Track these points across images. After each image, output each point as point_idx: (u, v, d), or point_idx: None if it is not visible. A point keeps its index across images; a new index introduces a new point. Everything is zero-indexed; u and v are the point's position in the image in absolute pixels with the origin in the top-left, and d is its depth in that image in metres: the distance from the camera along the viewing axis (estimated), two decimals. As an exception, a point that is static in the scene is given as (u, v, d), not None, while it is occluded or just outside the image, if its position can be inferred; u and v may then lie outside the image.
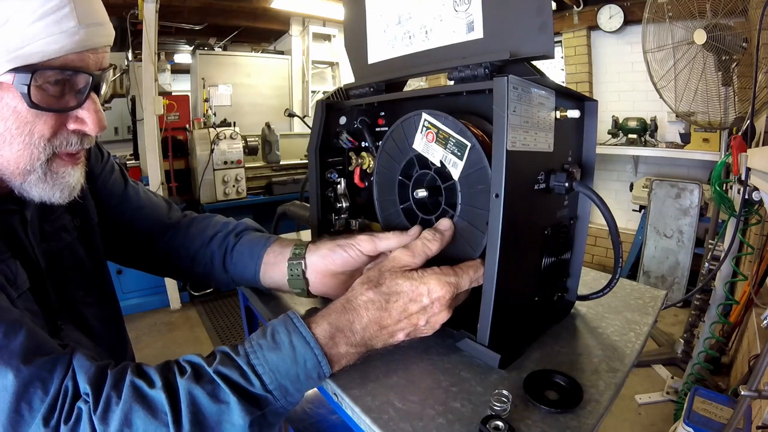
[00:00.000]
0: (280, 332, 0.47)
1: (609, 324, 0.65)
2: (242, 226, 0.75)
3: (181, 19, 4.05)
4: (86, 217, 0.68)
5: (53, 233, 0.62)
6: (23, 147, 0.47)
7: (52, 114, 0.47)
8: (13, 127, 0.46)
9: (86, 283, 0.66)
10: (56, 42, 0.44)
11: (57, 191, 0.52)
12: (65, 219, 0.65)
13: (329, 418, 1.14)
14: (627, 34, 3.31)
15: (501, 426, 0.42)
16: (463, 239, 0.55)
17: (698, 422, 1.31)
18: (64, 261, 0.63)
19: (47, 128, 0.48)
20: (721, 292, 1.70)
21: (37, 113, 0.46)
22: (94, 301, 0.67)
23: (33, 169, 0.49)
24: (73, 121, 0.50)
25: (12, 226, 0.55)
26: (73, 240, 0.65)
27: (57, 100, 0.47)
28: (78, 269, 0.65)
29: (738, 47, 1.63)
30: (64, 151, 0.51)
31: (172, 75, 5.01)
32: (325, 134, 0.75)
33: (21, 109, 0.45)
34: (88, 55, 0.48)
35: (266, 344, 0.46)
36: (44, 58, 0.44)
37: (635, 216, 3.20)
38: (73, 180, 0.54)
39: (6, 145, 0.47)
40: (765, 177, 1.21)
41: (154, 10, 2.60)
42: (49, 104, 0.46)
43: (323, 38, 4.50)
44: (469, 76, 0.55)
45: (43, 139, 0.48)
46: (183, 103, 3.45)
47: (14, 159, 0.48)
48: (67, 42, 0.45)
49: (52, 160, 0.50)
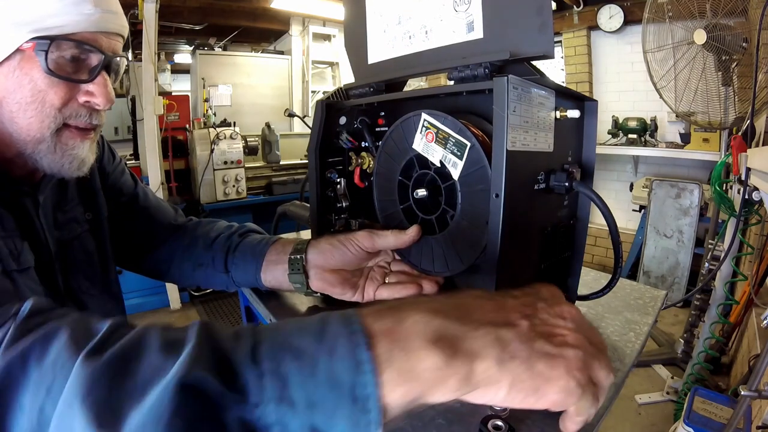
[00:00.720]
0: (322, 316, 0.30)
1: (609, 324, 0.65)
2: (245, 228, 0.77)
3: (181, 19, 4.05)
4: (98, 212, 0.72)
5: (65, 223, 0.65)
6: (35, 114, 0.51)
7: (64, 85, 0.52)
8: (28, 95, 0.51)
9: (92, 275, 0.69)
10: (73, 19, 0.50)
11: (66, 162, 0.55)
12: (78, 211, 0.68)
13: (329, 418, 1.14)
14: (627, 34, 3.31)
15: (501, 426, 0.42)
16: (463, 239, 0.55)
17: (698, 422, 1.31)
18: (73, 251, 0.65)
19: (58, 98, 0.52)
20: (721, 292, 1.70)
21: (50, 83, 0.51)
22: (98, 292, 0.69)
23: (43, 138, 0.53)
24: (83, 94, 0.54)
25: (24, 207, 0.58)
26: (84, 232, 0.68)
27: (70, 74, 0.52)
28: (86, 260, 0.68)
29: (738, 47, 1.63)
30: (73, 123, 0.55)
31: (172, 75, 5.02)
32: (325, 134, 0.75)
33: (37, 77, 0.50)
34: (101, 36, 0.53)
35: (295, 322, 0.30)
36: (62, 31, 0.49)
37: (635, 216, 3.20)
38: (82, 153, 0.57)
39: (20, 112, 0.51)
40: (765, 177, 1.21)
41: (154, 10, 2.60)
42: (63, 74, 0.51)
43: (323, 38, 4.49)
44: (469, 76, 0.55)
45: (53, 108, 0.52)
46: (183, 103, 3.45)
47: (26, 126, 0.52)
48: (83, 20, 0.50)
49: (62, 131, 0.54)
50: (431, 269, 0.60)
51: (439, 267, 0.59)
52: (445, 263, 0.58)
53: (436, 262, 0.59)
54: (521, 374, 0.27)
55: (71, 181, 0.67)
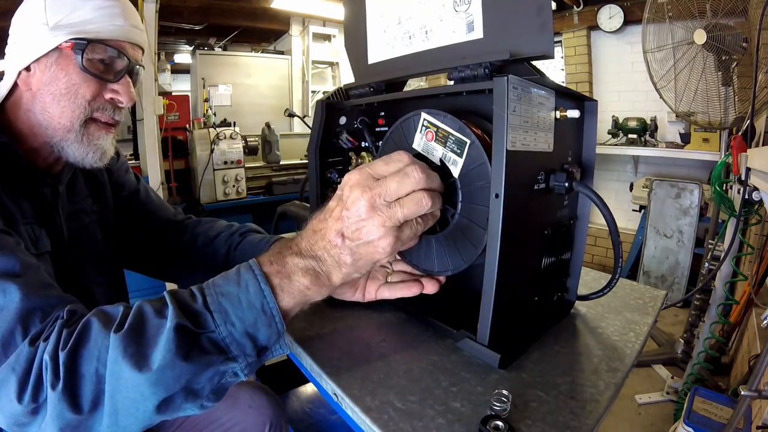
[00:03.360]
0: (236, 269, 0.46)
1: (609, 324, 0.65)
2: (246, 228, 0.79)
3: (181, 19, 4.05)
4: (105, 204, 0.77)
5: (75, 213, 0.70)
6: (68, 104, 0.60)
7: (94, 82, 0.60)
8: (63, 88, 0.59)
9: (99, 264, 0.73)
10: (107, 28, 0.60)
11: (90, 152, 0.63)
12: (87, 202, 0.73)
13: (329, 418, 1.14)
14: (627, 34, 3.31)
15: (501, 426, 0.42)
16: (464, 236, 0.55)
17: (698, 422, 1.31)
18: (81, 239, 0.70)
19: (89, 92, 0.60)
20: (721, 292, 1.70)
21: (83, 78, 0.59)
22: (104, 281, 0.73)
23: (72, 127, 0.61)
24: (109, 92, 0.62)
25: (44, 196, 0.64)
26: (92, 222, 0.73)
27: (100, 73, 0.61)
28: (93, 250, 0.72)
29: (738, 47, 1.63)
30: (99, 116, 0.63)
31: (172, 75, 5.03)
32: (325, 134, 0.75)
33: (72, 72, 0.59)
34: (128, 46, 0.63)
35: (221, 277, 0.45)
36: (97, 36, 0.59)
37: (635, 216, 3.20)
38: (105, 144, 0.64)
39: (54, 102, 0.59)
40: (765, 177, 1.21)
41: (154, 10, 2.59)
42: (95, 72, 0.60)
43: (323, 38, 4.49)
44: (469, 76, 0.55)
45: (84, 99, 0.60)
46: (183, 103, 3.44)
47: (58, 115, 0.60)
48: (114, 30, 0.60)
49: (89, 124, 0.62)
50: (432, 269, 0.60)
51: (440, 266, 0.59)
52: (445, 262, 0.58)
53: (437, 261, 0.59)
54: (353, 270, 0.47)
55: (81, 174, 0.72)
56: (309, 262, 0.46)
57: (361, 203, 0.44)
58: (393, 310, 0.69)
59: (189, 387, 0.40)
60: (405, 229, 0.46)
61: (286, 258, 0.46)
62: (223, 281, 0.44)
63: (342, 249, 0.45)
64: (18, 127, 0.61)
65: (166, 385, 0.39)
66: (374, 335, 0.62)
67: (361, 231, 0.45)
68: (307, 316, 0.67)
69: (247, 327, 0.42)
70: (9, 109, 0.62)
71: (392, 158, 0.47)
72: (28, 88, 0.60)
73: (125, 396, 0.39)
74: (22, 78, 0.60)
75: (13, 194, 0.57)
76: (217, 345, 0.41)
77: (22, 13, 0.60)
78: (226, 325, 0.42)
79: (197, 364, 0.40)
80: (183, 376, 0.39)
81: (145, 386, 0.39)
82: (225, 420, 0.81)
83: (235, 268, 0.45)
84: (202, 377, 0.41)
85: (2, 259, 0.46)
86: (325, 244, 0.46)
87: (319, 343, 0.60)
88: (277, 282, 0.44)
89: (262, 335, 0.43)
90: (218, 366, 0.41)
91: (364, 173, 0.46)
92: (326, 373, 0.53)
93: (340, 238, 0.45)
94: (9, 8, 0.63)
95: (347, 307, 0.68)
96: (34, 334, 0.42)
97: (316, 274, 0.46)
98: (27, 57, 0.59)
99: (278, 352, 0.47)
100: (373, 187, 0.45)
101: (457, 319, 0.60)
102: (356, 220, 0.45)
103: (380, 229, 0.44)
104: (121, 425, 0.40)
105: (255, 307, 0.43)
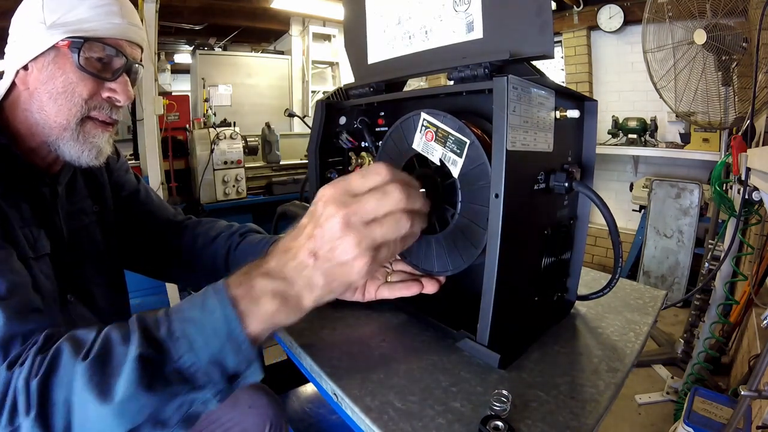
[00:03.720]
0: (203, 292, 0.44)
1: (609, 324, 0.65)
2: (246, 228, 0.78)
3: (181, 19, 4.05)
4: (104, 204, 0.76)
5: (74, 213, 0.70)
6: (64, 103, 0.59)
7: (91, 80, 0.60)
8: (60, 86, 0.59)
9: (98, 264, 0.72)
10: (104, 27, 0.59)
11: (86, 150, 0.62)
12: (86, 203, 0.73)
13: (329, 418, 1.14)
14: (627, 34, 3.31)
15: (501, 426, 0.42)
16: (464, 236, 0.55)
17: (698, 422, 1.31)
18: (81, 240, 0.70)
19: (86, 90, 0.60)
20: (721, 292, 1.70)
21: (80, 76, 0.59)
22: (103, 281, 0.73)
23: (68, 125, 0.60)
24: (106, 91, 0.62)
25: (44, 197, 0.64)
26: (91, 223, 0.73)
27: (97, 72, 0.60)
28: (93, 250, 0.72)
29: (738, 47, 1.63)
30: (96, 115, 0.62)
31: (172, 75, 5.02)
32: (325, 134, 0.75)
33: (69, 71, 0.59)
34: (125, 44, 0.62)
35: (187, 302, 0.43)
36: (94, 35, 0.59)
37: (635, 216, 3.20)
38: (101, 142, 0.63)
39: (51, 101, 0.59)
40: (765, 177, 1.21)
41: (154, 10, 2.59)
42: (92, 70, 0.59)
43: (323, 38, 4.49)
44: (469, 76, 0.55)
45: (81, 98, 0.59)
46: (183, 103, 3.44)
47: (54, 113, 0.59)
48: (111, 28, 0.60)
49: (86, 122, 0.61)
50: (432, 269, 0.60)
51: (440, 266, 0.59)
52: (445, 262, 0.58)
53: (437, 261, 0.59)
54: (325, 292, 0.43)
55: (80, 174, 0.72)
56: (278, 285, 0.42)
57: (335, 220, 0.40)
58: (393, 311, 0.69)
59: (155, 418, 0.39)
60: (382, 250, 0.42)
61: (253, 280, 0.42)
62: (189, 306, 0.42)
63: (314, 270, 0.41)
64: (16, 127, 0.61)
65: (130, 417, 0.38)
66: (374, 335, 0.62)
67: (335, 250, 0.41)
68: (308, 316, 0.66)
69: (213, 354, 0.40)
70: (7, 109, 0.62)
71: (370, 172, 0.42)
72: (25, 87, 0.60)
73: (91, 426, 0.38)
74: (20, 77, 0.60)
75: (10, 197, 0.57)
76: (181, 374, 0.39)
77: (21, 13, 0.60)
78: (190, 353, 0.39)
79: (162, 394, 0.38)
80: (147, 407, 0.38)
81: (109, 418, 0.37)
82: (225, 420, 0.81)
83: (203, 291, 0.43)
84: (168, 408, 0.39)
85: None
86: (296, 264, 0.42)
87: (319, 343, 0.60)
88: (243, 307, 0.41)
89: (230, 362, 0.40)
90: (184, 396, 0.39)
91: (339, 188, 0.42)
92: (326, 373, 0.53)
93: (312, 259, 0.41)
94: (9, 8, 0.62)
95: (347, 307, 0.68)
96: (12, 357, 0.42)
97: (285, 297, 0.42)
98: (25, 56, 0.59)
99: (251, 378, 0.43)
100: (348, 204, 0.41)
101: (457, 319, 0.60)
102: (330, 239, 0.41)
103: (355, 249, 0.40)
104: None
105: (220, 334, 0.40)
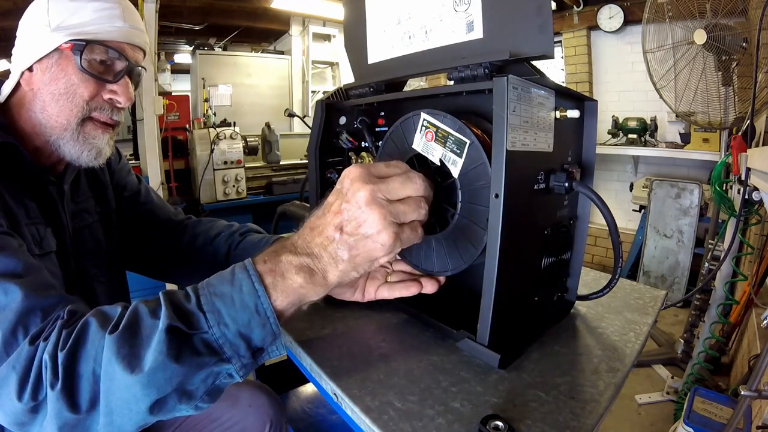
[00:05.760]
0: (231, 268, 0.45)
1: (609, 324, 0.65)
2: (246, 228, 0.79)
3: (181, 19, 4.05)
4: (107, 204, 0.78)
5: (78, 212, 0.72)
6: (66, 104, 0.61)
7: (93, 82, 0.61)
8: (62, 87, 0.60)
9: (101, 263, 0.74)
10: (106, 30, 0.61)
11: (85, 150, 0.63)
12: (89, 203, 0.75)
13: (329, 418, 1.14)
14: (627, 34, 3.31)
15: (501, 426, 0.42)
16: (464, 236, 0.55)
17: (698, 422, 1.31)
18: (84, 238, 0.72)
19: (87, 92, 0.61)
20: (721, 292, 1.70)
21: (82, 78, 0.60)
22: (106, 279, 0.74)
23: (69, 125, 0.61)
24: (108, 92, 0.63)
25: (50, 195, 0.65)
26: (94, 222, 0.75)
27: (99, 74, 0.62)
28: (95, 248, 0.74)
29: (738, 47, 1.63)
30: (97, 116, 0.63)
31: (172, 75, 5.03)
32: (325, 134, 0.75)
33: (71, 72, 0.60)
34: (127, 47, 0.63)
35: (216, 277, 0.45)
36: (96, 37, 0.60)
37: (635, 216, 3.20)
38: (101, 143, 0.65)
39: (53, 101, 0.61)
40: (765, 177, 1.21)
41: (154, 10, 2.59)
42: (94, 72, 0.61)
43: (323, 38, 4.49)
44: (469, 76, 0.55)
45: (82, 99, 0.61)
46: (183, 103, 3.45)
47: (56, 114, 0.61)
48: (113, 31, 0.61)
49: (86, 123, 0.63)
50: (432, 269, 0.60)
51: (440, 266, 0.59)
52: (445, 262, 0.58)
53: (437, 261, 0.59)
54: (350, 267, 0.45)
55: (83, 174, 0.73)
56: (304, 260, 0.44)
57: (361, 194, 0.43)
58: (393, 311, 0.69)
59: (182, 388, 0.40)
60: (405, 229, 0.45)
61: (280, 256, 0.45)
62: (218, 281, 0.44)
63: (339, 244, 0.44)
64: (21, 127, 0.63)
65: (158, 387, 0.39)
66: (374, 335, 0.62)
67: (361, 225, 0.43)
68: (307, 316, 0.67)
69: (240, 327, 0.41)
70: (13, 109, 0.63)
71: (392, 163, 0.47)
72: (30, 88, 0.62)
73: (118, 397, 0.39)
74: (24, 78, 0.62)
75: (18, 195, 0.58)
76: (210, 346, 0.41)
77: (28, 15, 0.62)
78: (219, 326, 0.41)
79: (189, 365, 0.40)
80: (175, 377, 0.39)
81: (137, 388, 0.38)
82: (225, 419, 0.81)
83: (231, 268, 0.45)
84: (195, 378, 0.40)
85: (5, 260, 0.46)
86: (323, 240, 0.45)
87: (319, 343, 0.60)
88: (270, 281, 0.43)
89: (256, 336, 0.42)
90: (211, 367, 0.41)
91: (365, 169, 0.45)
92: (326, 373, 0.53)
93: (338, 233, 0.44)
94: (10, 8, 0.64)
95: (347, 307, 0.68)
96: (34, 333, 0.42)
97: (311, 271, 0.44)
98: (29, 57, 0.61)
99: (274, 354, 0.45)
100: (375, 182, 0.44)
101: (457, 319, 0.60)
102: (356, 213, 0.43)
103: (380, 223, 0.43)
104: (116, 425, 0.40)
105: (248, 307, 0.42)
